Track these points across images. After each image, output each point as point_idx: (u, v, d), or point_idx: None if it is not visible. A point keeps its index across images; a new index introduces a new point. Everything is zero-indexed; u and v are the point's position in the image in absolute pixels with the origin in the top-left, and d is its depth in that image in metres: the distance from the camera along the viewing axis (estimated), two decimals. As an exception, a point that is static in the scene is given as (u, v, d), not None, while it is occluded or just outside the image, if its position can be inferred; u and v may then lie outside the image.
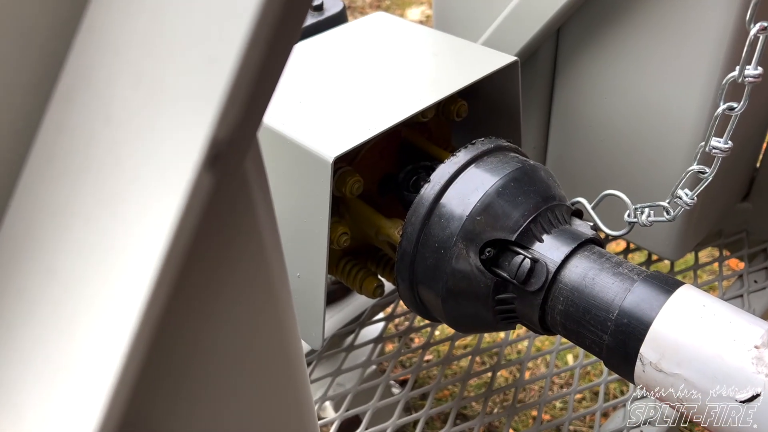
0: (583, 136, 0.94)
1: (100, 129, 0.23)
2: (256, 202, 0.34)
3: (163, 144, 0.22)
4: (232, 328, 0.37)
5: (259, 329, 0.39)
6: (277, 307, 0.39)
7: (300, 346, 0.44)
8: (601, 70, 0.88)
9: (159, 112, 0.22)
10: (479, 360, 1.45)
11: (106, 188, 0.23)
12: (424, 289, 0.69)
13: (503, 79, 0.80)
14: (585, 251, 0.64)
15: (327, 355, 0.92)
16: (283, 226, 0.74)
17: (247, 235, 0.35)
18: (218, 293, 0.35)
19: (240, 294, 0.37)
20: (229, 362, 0.38)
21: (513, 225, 0.64)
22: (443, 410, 0.85)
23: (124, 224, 0.22)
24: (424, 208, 0.67)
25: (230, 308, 0.37)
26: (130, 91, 0.23)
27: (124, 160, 0.22)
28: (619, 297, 0.59)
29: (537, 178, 0.68)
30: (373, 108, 0.69)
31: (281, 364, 0.42)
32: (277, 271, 0.38)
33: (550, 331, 0.66)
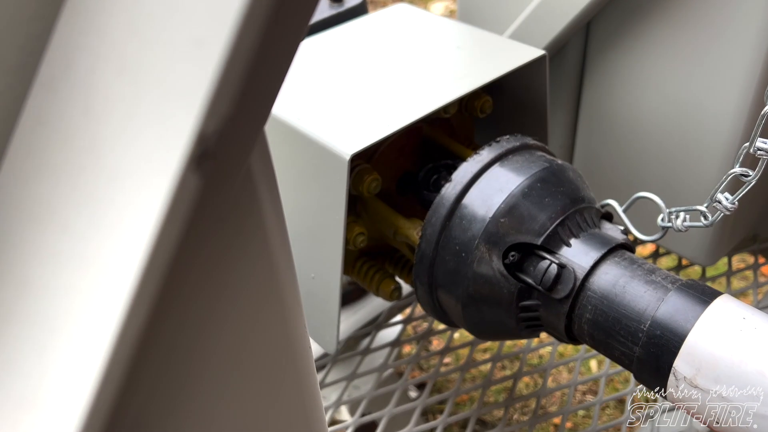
0: (612, 135, 0.90)
1: (79, 121, 0.21)
2: (262, 201, 0.31)
3: (144, 139, 0.19)
4: (236, 331, 0.34)
5: (264, 332, 0.36)
6: (284, 310, 0.36)
7: (308, 351, 0.42)
8: (633, 65, 0.84)
9: (142, 102, 0.19)
10: (500, 365, 1.42)
11: (84, 190, 0.20)
12: (444, 294, 0.65)
13: (530, 74, 0.77)
14: (615, 257, 0.60)
15: (342, 358, 0.89)
16: (298, 225, 0.72)
17: (252, 236, 0.32)
18: (220, 295, 0.33)
19: (244, 296, 0.34)
20: (232, 366, 0.36)
21: (539, 228, 0.61)
22: (462, 418, 0.82)
23: (101, 231, 0.19)
24: (444, 208, 0.63)
25: (234, 310, 0.34)
26: (114, 78, 0.20)
27: (104, 157, 0.20)
28: (651, 307, 0.55)
29: (565, 178, 0.64)
30: (393, 103, 0.66)
31: (288, 369, 0.39)
32: (284, 273, 0.35)
33: (576, 340, 0.62)
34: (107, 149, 0.19)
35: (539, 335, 0.68)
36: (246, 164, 0.28)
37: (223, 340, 0.34)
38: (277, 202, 0.33)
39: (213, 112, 0.19)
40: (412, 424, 0.82)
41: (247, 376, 0.37)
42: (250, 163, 0.30)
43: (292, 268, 0.36)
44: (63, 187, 0.21)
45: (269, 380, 0.38)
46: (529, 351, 0.89)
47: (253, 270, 0.33)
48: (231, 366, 0.35)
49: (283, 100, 0.67)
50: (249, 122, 0.25)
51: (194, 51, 0.18)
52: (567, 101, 0.93)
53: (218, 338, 0.33)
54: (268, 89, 0.25)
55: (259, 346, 0.36)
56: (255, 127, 0.26)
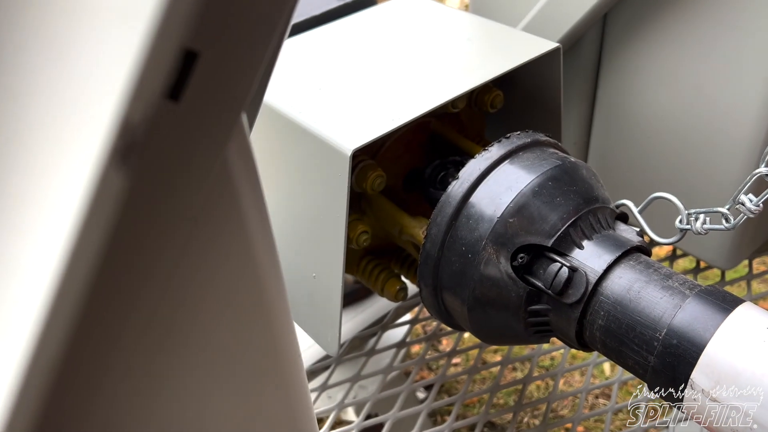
0: (629, 133, 0.87)
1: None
2: (242, 199, 0.29)
3: (65, 129, 0.16)
4: (214, 335, 0.32)
5: (246, 337, 0.34)
6: (269, 313, 0.34)
7: (297, 357, 0.39)
8: (652, 59, 0.80)
9: (66, 82, 0.17)
10: (510, 367, 1.39)
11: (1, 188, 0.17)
12: (449, 296, 0.63)
13: (543, 68, 0.74)
14: (630, 260, 0.57)
15: (347, 358, 0.87)
16: (298, 222, 0.70)
17: (231, 237, 0.29)
18: (197, 298, 0.30)
19: (224, 300, 0.31)
20: (213, 371, 0.33)
21: (550, 229, 0.58)
22: (470, 423, 0.79)
23: (12, 237, 0.17)
24: (450, 207, 0.61)
25: (213, 313, 0.31)
26: (37, 52, 0.18)
27: (21, 148, 0.17)
28: (668, 314, 0.52)
29: (578, 177, 0.61)
30: (399, 97, 0.63)
31: (274, 375, 0.37)
32: (268, 275, 0.32)
33: (587, 347, 0.59)
34: (26, 138, 0.17)
35: (549, 340, 0.65)
36: (212, 158, 0.25)
37: (200, 344, 0.31)
38: (260, 200, 0.30)
39: (140, 95, 0.16)
40: (418, 428, 0.80)
41: (230, 382, 0.34)
42: (227, 157, 0.27)
43: (278, 270, 0.33)
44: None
45: (253, 387, 0.36)
46: (540, 354, 0.86)
47: (234, 274, 0.30)
48: (212, 371, 0.33)
49: (285, 93, 0.65)
50: (199, 108, 0.22)
51: (120, 20, 0.15)
52: (582, 97, 0.90)
53: (195, 342, 0.31)
54: (227, 71, 0.23)
55: (241, 352, 0.33)
56: (210, 114, 0.23)
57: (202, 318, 0.31)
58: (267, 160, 0.69)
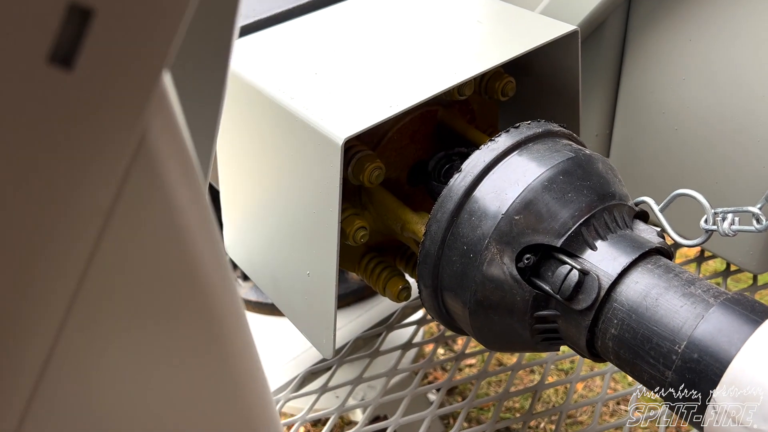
0: (655, 125, 0.81)
1: None
2: (169, 187, 0.24)
3: None
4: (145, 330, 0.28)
5: (182, 332, 0.29)
6: (212, 328, 0.29)
7: (246, 345, 0.34)
8: (681, 45, 0.74)
9: None
10: (528, 369, 1.33)
11: None
12: (450, 298, 0.58)
13: (560, 54, 0.68)
14: (648, 263, 0.52)
15: (349, 360, 0.83)
16: (290, 216, 0.65)
17: (156, 228, 0.25)
18: (109, 314, 0.26)
19: (145, 317, 0.27)
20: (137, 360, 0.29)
21: (559, 227, 0.52)
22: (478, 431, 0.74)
23: None
24: (452, 202, 0.56)
25: (136, 338, 0.27)
26: None
27: None
28: (689, 324, 0.47)
29: (593, 171, 0.56)
30: (400, 82, 0.59)
31: (214, 366, 0.32)
32: (212, 285, 0.28)
33: (599, 357, 0.54)
34: None
35: (559, 349, 0.60)
36: (122, 140, 0.21)
37: (125, 340, 0.27)
38: (197, 188, 0.26)
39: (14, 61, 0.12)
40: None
41: (160, 374, 0.30)
42: (147, 140, 0.23)
43: (228, 280, 0.29)
44: None
45: (187, 376, 0.31)
46: (555, 359, 0.81)
47: (163, 269, 0.26)
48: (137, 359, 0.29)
49: (277, 78, 0.61)
50: (100, 77, 0.18)
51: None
52: (604, 86, 0.84)
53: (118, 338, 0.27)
54: (134, 30, 0.18)
55: (177, 349, 0.29)
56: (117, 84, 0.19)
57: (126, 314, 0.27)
58: (257, 150, 0.65)
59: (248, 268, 0.76)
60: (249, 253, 0.75)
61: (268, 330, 0.91)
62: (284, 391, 0.79)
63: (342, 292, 0.93)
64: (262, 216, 0.69)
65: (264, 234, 0.70)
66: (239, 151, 0.68)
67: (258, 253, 0.73)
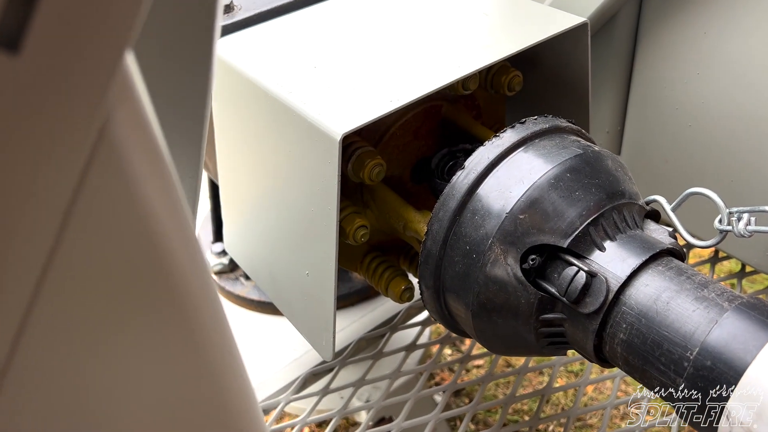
0: (668, 121, 0.78)
1: None
2: (136, 181, 0.23)
3: None
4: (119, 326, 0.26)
5: (151, 323, 0.27)
6: (184, 322, 0.28)
7: (224, 339, 0.32)
8: (695, 39, 0.71)
9: None
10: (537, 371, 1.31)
11: None
12: (452, 300, 0.56)
13: (569, 47, 0.66)
14: (659, 265, 0.49)
15: (352, 361, 0.81)
16: (289, 214, 0.63)
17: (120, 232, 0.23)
18: (73, 310, 0.24)
19: (116, 312, 0.25)
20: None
21: (566, 227, 0.50)
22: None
23: None
24: (454, 200, 0.54)
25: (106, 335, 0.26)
26: None
27: None
28: (701, 330, 0.45)
29: (602, 168, 0.54)
30: (401, 76, 0.57)
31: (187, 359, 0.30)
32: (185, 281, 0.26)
33: (608, 362, 0.52)
34: None
35: (566, 353, 0.57)
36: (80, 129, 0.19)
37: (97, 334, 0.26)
38: (168, 181, 0.24)
39: None
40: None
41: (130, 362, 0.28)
42: (110, 130, 0.21)
43: (203, 276, 0.27)
44: None
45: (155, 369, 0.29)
46: (563, 362, 0.79)
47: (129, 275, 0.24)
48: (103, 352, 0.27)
49: (275, 71, 0.59)
50: (51, 62, 0.16)
51: None
52: (616, 81, 0.81)
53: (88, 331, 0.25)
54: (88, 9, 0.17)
55: (143, 336, 0.27)
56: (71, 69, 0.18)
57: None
58: (255, 146, 0.63)
59: (248, 267, 0.75)
60: (248, 252, 0.73)
61: (270, 330, 0.90)
62: (285, 393, 0.78)
63: (345, 291, 0.91)
64: (261, 214, 0.67)
65: (263, 232, 0.68)
66: (238, 147, 0.67)
67: (257, 252, 0.71)
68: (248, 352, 0.88)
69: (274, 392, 0.79)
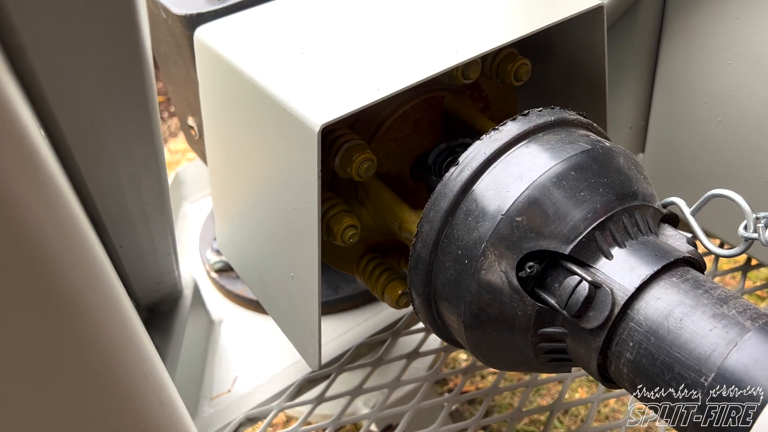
0: (696, 116, 0.72)
1: None
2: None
3: None
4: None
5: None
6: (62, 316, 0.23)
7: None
8: (726, 25, 0.65)
9: None
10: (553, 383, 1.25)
11: None
12: (445, 308, 0.51)
13: (584, 33, 0.60)
14: (673, 276, 0.44)
15: (350, 368, 0.76)
16: (272, 212, 0.59)
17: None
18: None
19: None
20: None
21: (568, 231, 0.45)
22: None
23: None
24: (446, 200, 0.49)
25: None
26: None
27: None
28: (719, 352, 0.39)
29: (612, 166, 0.48)
30: (392, 63, 0.52)
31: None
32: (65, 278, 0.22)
33: (614, 383, 0.47)
34: None
35: (570, 370, 0.52)
36: None
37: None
38: (43, 179, 0.20)
39: None
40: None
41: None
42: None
43: (89, 275, 0.23)
44: None
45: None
46: (572, 378, 0.73)
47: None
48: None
49: (258, 57, 0.55)
50: None
51: None
52: (639, 72, 0.75)
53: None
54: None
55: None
56: None
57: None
58: (241, 139, 0.59)
59: (238, 268, 0.71)
60: (238, 253, 0.69)
61: (269, 331, 0.86)
62: (278, 400, 0.74)
63: (349, 293, 0.87)
64: (248, 211, 0.63)
65: (250, 231, 0.64)
66: (225, 140, 0.63)
67: (246, 253, 0.67)
68: (245, 354, 0.84)
69: (268, 398, 0.75)
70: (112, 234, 0.50)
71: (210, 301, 0.91)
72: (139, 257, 0.57)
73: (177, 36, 0.71)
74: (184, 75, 0.75)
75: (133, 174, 0.43)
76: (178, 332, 0.76)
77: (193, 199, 1.11)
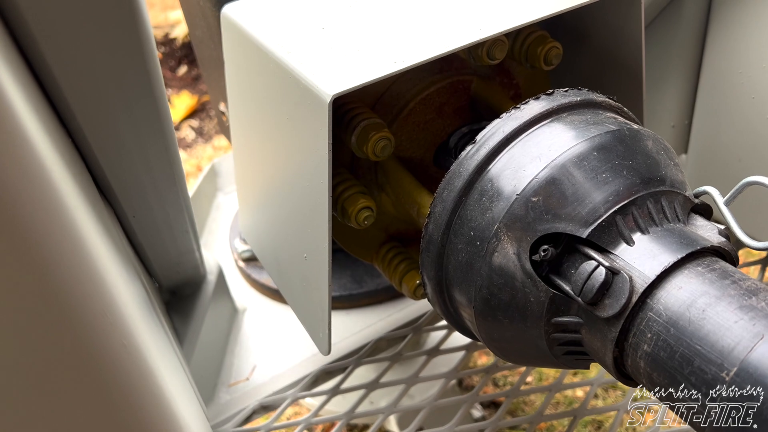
0: (743, 113, 0.68)
1: None
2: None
3: None
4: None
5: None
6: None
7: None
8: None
9: None
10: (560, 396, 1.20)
11: None
12: (457, 294, 0.49)
13: (619, 19, 0.58)
14: (699, 266, 0.40)
15: (368, 361, 0.74)
16: (286, 189, 0.58)
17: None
18: None
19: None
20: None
21: (587, 214, 0.42)
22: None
23: None
24: (461, 179, 0.47)
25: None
26: None
27: None
28: (743, 345, 0.36)
29: (638, 148, 0.45)
30: (412, 37, 0.50)
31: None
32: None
33: (630, 378, 0.43)
34: None
35: (588, 366, 0.49)
36: None
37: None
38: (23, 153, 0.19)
39: None
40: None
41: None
42: None
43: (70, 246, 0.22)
44: None
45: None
46: (599, 384, 0.69)
47: None
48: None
49: (280, 32, 0.54)
50: None
51: None
52: (683, 67, 0.71)
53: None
54: None
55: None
56: None
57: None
58: (261, 118, 0.58)
59: (258, 252, 0.70)
60: (258, 236, 0.68)
61: (291, 322, 0.85)
62: (293, 389, 0.72)
63: (373, 288, 0.85)
64: (266, 193, 0.62)
65: (269, 214, 0.63)
66: (247, 120, 0.62)
67: (265, 236, 0.66)
68: (266, 343, 0.83)
69: (284, 386, 0.74)
70: (123, 202, 0.50)
71: (236, 290, 0.90)
72: (155, 230, 0.57)
73: (208, 17, 0.71)
74: (215, 59, 0.75)
75: (136, 132, 0.42)
76: (199, 317, 0.76)
77: (228, 190, 1.11)
